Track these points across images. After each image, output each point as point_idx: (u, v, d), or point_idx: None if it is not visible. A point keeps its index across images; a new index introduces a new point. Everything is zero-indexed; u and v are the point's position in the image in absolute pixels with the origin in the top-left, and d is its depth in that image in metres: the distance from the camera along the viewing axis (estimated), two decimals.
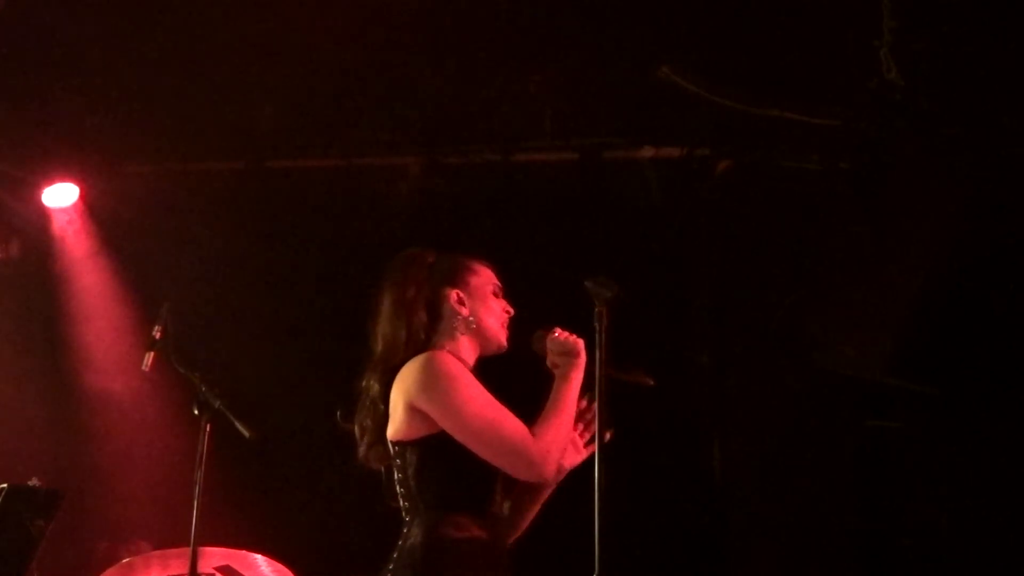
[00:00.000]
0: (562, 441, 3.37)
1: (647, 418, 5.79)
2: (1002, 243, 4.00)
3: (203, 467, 4.67)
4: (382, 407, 3.42)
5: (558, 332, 3.47)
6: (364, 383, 3.49)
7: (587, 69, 5.42)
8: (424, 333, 3.45)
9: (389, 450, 3.42)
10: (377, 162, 6.15)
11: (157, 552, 5.25)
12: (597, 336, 3.30)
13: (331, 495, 5.81)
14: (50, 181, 6.17)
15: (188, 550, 4.66)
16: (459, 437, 3.30)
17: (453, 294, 3.50)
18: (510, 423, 3.31)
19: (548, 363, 3.46)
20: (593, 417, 3.41)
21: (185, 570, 4.74)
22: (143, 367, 5.00)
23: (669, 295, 5.91)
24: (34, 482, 5.17)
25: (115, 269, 6.31)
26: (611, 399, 3.27)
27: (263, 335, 6.03)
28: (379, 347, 3.48)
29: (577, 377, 3.40)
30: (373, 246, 5.75)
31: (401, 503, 3.42)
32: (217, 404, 4.78)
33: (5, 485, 4.99)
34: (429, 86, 5.51)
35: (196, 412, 4.82)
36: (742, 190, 5.67)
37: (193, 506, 4.64)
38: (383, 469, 3.48)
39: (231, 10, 5.00)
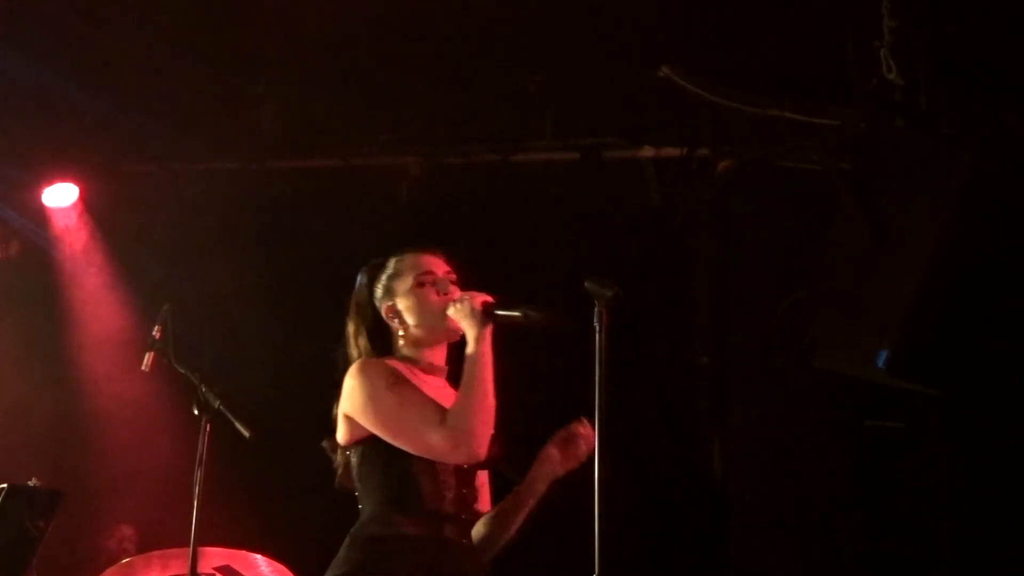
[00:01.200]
0: (480, 416, 3.29)
1: (647, 418, 5.80)
2: (1002, 243, 3.99)
3: (203, 467, 4.67)
4: None
5: (457, 294, 3.49)
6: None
7: (587, 69, 5.42)
8: (370, 351, 3.51)
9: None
10: (377, 162, 6.15)
11: (157, 552, 5.25)
12: (597, 336, 3.29)
13: (331, 495, 5.80)
14: (50, 181, 6.17)
15: (188, 550, 4.66)
16: (380, 435, 3.35)
17: (385, 309, 3.54)
18: (426, 414, 3.30)
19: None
20: (574, 436, 3.46)
21: (185, 570, 4.75)
22: (143, 367, 5.01)
23: (669, 295, 5.91)
24: (34, 482, 5.17)
25: (115, 269, 6.31)
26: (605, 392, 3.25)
27: (263, 335, 6.03)
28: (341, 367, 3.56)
29: (483, 349, 3.37)
30: (373, 246, 5.75)
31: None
32: (217, 404, 4.78)
33: (5, 485, 4.99)
34: (429, 86, 5.51)
35: (196, 412, 4.82)
36: (742, 190, 5.67)
37: (193, 506, 4.65)
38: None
39: (231, 10, 5.00)
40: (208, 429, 4.79)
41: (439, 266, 3.61)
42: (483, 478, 3.53)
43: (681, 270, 5.97)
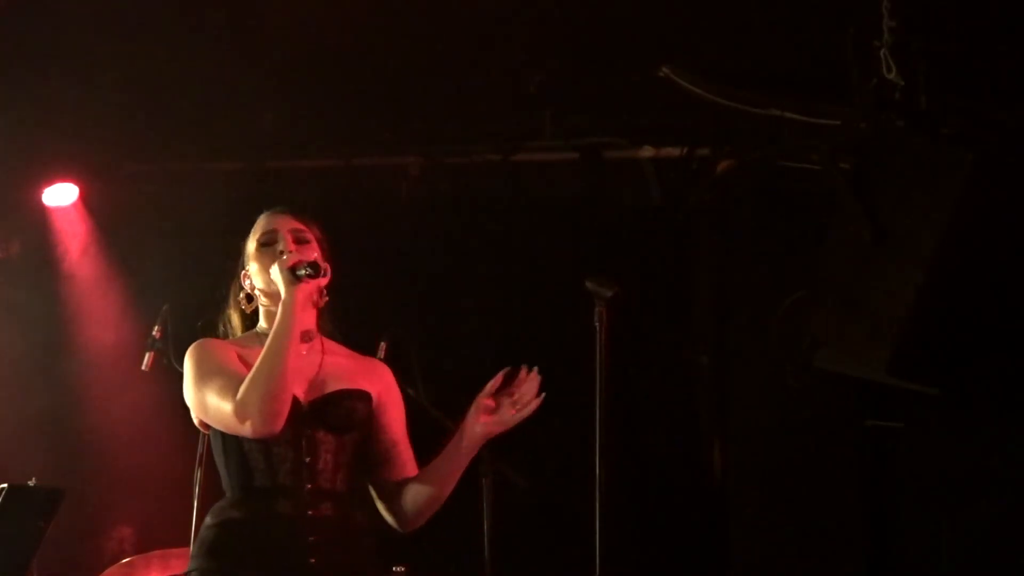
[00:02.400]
0: (264, 388, 3.10)
1: (647, 418, 5.80)
2: (1002, 243, 3.99)
3: (203, 467, 4.67)
4: None
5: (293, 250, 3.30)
6: None
7: (587, 69, 5.42)
8: (243, 328, 3.41)
9: None
10: (377, 162, 6.15)
11: (157, 552, 5.26)
12: (598, 336, 3.29)
13: None
14: (50, 181, 6.17)
15: (188, 550, 4.66)
16: (200, 418, 3.27)
17: (242, 278, 3.43)
18: (217, 387, 3.18)
19: None
20: (518, 395, 3.24)
21: (185, 570, 4.75)
22: (143, 367, 5.01)
23: (669, 295, 5.91)
24: (34, 482, 5.17)
25: (115, 269, 6.31)
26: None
27: None
28: None
29: (284, 313, 3.18)
30: (373, 246, 5.76)
31: None
32: None
33: (5, 485, 4.99)
34: (429, 86, 5.51)
35: None
36: (742, 190, 5.67)
37: (193, 506, 4.65)
38: None
39: (231, 10, 5.00)
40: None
41: (284, 223, 3.41)
42: (345, 443, 3.29)
43: (681, 270, 5.97)
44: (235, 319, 3.46)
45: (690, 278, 5.95)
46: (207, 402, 3.21)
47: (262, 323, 3.37)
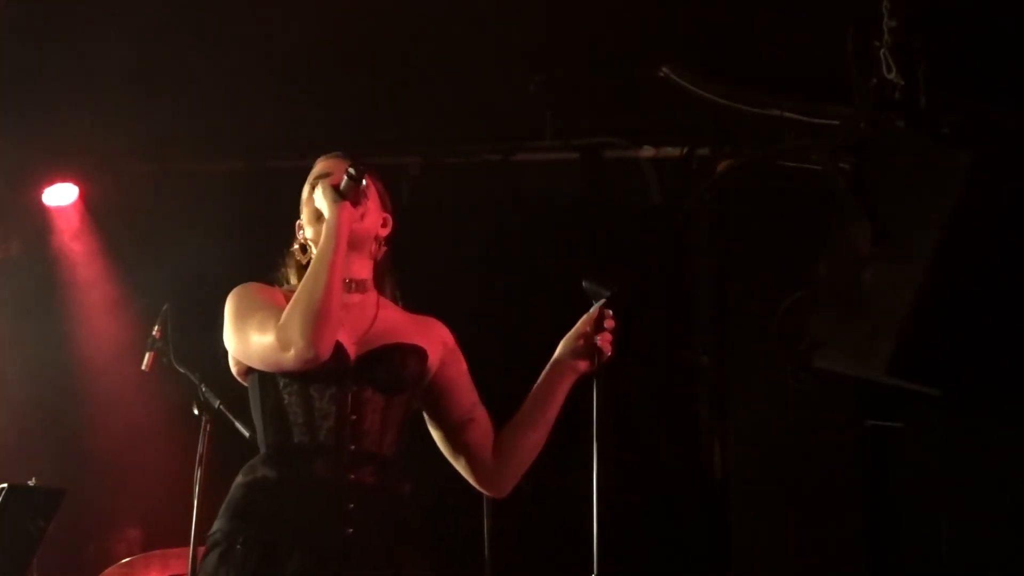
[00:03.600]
0: (308, 309, 2.86)
1: (647, 418, 5.80)
2: (1002, 242, 3.99)
3: (203, 467, 4.67)
4: None
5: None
6: None
7: (587, 69, 5.42)
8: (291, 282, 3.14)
9: None
10: (377, 162, 6.14)
11: (157, 552, 5.27)
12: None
13: None
14: (50, 181, 6.17)
15: (188, 550, 4.67)
16: (239, 360, 3.03)
17: (296, 226, 3.20)
18: (258, 320, 2.94)
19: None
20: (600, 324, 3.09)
21: (185, 570, 4.75)
22: (143, 367, 5.01)
23: (669, 295, 5.91)
24: (34, 482, 5.17)
25: (115, 269, 6.31)
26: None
27: None
28: None
29: (329, 226, 2.97)
30: None
31: None
32: (217, 404, 4.79)
33: (5, 485, 4.99)
34: (429, 86, 5.51)
35: (196, 412, 4.83)
36: (742, 190, 5.68)
37: (193, 506, 4.65)
38: None
39: (231, 10, 5.00)
40: (208, 429, 4.80)
41: (340, 165, 3.16)
42: (395, 403, 3.04)
43: (681, 270, 5.97)
44: (291, 275, 3.21)
45: (690, 278, 5.95)
46: (249, 338, 2.95)
47: None
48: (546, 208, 6.01)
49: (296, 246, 3.18)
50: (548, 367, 3.19)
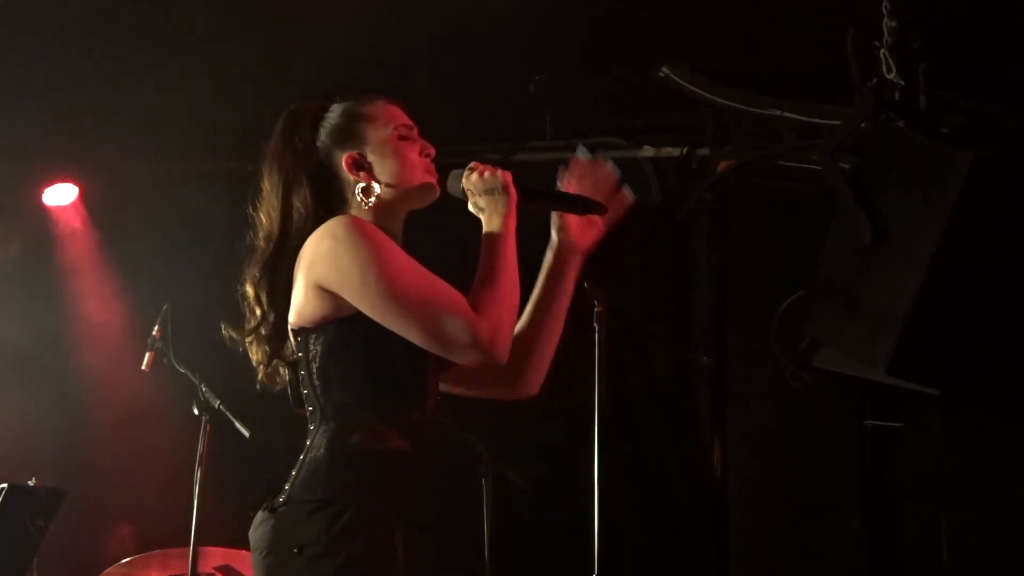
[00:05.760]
0: (511, 309, 2.72)
1: (647, 418, 5.80)
2: (1002, 242, 3.99)
3: (203, 467, 4.68)
4: (263, 311, 2.89)
5: (477, 167, 2.98)
6: (240, 290, 2.97)
7: (587, 69, 5.43)
8: (316, 211, 2.81)
9: (290, 345, 2.82)
10: None
11: (157, 552, 5.27)
12: (597, 336, 3.29)
13: None
14: (50, 181, 6.17)
15: (188, 550, 4.67)
16: (379, 318, 2.63)
17: (346, 158, 2.89)
18: (447, 295, 2.69)
19: (471, 207, 3.02)
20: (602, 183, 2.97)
21: (185, 570, 4.76)
22: (143, 367, 5.02)
23: (669, 295, 5.91)
24: (34, 482, 5.18)
25: (115, 269, 6.31)
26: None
27: None
28: (259, 239, 2.91)
29: (510, 222, 2.88)
30: None
31: (306, 409, 2.78)
32: (217, 404, 4.80)
33: (5, 485, 5.00)
34: (429, 86, 5.51)
35: (196, 412, 4.83)
36: (742, 190, 5.68)
37: (193, 506, 4.65)
38: (288, 371, 2.89)
39: (231, 9, 5.00)
40: (208, 429, 4.80)
41: (395, 114, 3.05)
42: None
43: (681, 270, 5.97)
44: (309, 199, 2.91)
45: (690, 278, 5.95)
46: (422, 306, 2.65)
47: (369, 215, 2.87)
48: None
49: (359, 188, 2.88)
50: (546, 265, 3.06)
